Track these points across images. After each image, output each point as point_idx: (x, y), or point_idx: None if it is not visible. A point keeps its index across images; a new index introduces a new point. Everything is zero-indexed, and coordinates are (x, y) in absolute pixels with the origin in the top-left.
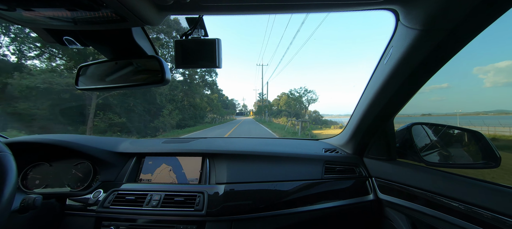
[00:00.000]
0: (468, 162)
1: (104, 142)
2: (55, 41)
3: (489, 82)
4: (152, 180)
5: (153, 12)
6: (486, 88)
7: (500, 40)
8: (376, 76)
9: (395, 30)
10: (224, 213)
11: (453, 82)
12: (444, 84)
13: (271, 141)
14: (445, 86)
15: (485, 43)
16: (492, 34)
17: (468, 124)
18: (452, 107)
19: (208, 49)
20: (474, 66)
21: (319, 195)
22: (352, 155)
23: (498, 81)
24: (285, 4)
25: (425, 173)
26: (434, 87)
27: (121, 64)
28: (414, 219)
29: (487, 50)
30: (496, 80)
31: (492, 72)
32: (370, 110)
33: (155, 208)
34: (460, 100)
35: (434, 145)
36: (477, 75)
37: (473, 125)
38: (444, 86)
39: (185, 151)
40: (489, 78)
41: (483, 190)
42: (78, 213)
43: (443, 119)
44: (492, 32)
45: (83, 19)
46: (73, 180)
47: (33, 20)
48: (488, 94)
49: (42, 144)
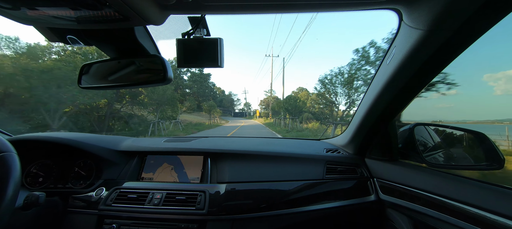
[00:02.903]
0: (471, 163)
1: (107, 141)
2: (59, 40)
3: (499, 90)
4: (153, 178)
5: (155, 12)
6: (497, 96)
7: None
8: (378, 76)
9: (398, 30)
10: (225, 212)
11: (462, 89)
12: (453, 91)
13: (273, 141)
14: (453, 93)
15: (496, 49)
16: (504, 41)
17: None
18: (462, 114)
19: (210, 48)
20: (484, 73)
21: (320, 195)
22: (354, 155)
23: (509, 90)
24: (288, 4)
25: (427, 174)
26: (442, 94)
27: (124, 63)
28: (416, 220)
29: (498, 57)
30: (508, 88)
31: (503, 80)
32: (372, 110)
33: (156, 207)
34: (470, 107)
35: (436, 146)
36: (487, 83)
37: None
38: (453, 93)
39: (186, 150)
40: (499, 86)
41: (486, 192)
42: (81, 211)
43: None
44: (504, 38)
45: (86, 18)
46: (76, 178)
47: (37, 19)
48: (500, 102)
49: (45, 142)
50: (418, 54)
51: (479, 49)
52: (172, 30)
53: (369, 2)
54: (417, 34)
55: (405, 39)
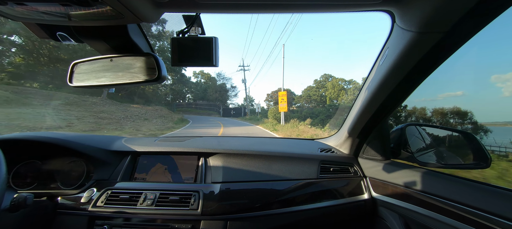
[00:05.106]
0: (460, 163)
1: (98, 140)
2: (48, 37)
3: (508, 91)
4: (147, 179)
5: (149, 9)
6: (505, 98)
7: None
8: (371, 77)
9: (391, 32)
10: (220, 212)
11: (468, 90)
12: (459, 92)
13: (267, 140)
14: (459, 94)
15: (507, 49)
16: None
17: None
18: (469, 116)
19: (205, 47)
20: (492, 74)
21: (315, 194)
22: (347, 154)
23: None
24: (282, 4)
25: (418, 173)
26: (448, 95)
27: (116, 61)
28: (407, 218)
29: (508, 57)
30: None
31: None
32: (365, 110)
33: (149, 207)
34: (477, 109)
35: (427, 145)
36: (495, 84)
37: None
38: (459, 94)
39: (180, 150)
40: (508, 87)
41: (474, 190)
42: (71, 212)
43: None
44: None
45: (78, 15)
46: (66, 178)
47: (25, 14)
48: (509, 104)
49: (33, 142)
50: (410, 55)
51: (487, 50)
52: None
53: (363, 4)
54: (409, 35)
55: (398, 41)
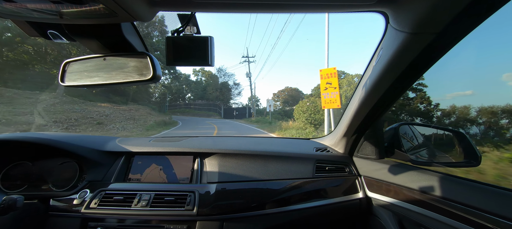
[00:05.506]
0: (451, 161)
1: (91, 141)
2: (39, 35)
3: None
4: (141, 179)
5: (144, 8)
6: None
7: None
8: (366, 77)
9: (384, 32)
10: (215, 212)
11: (478, 90)
12: (468, 92)
13: (263, 140)
14: (469, 93)
15: None
16: None
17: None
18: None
19: (200, 47)
20: (503, 72)
21: (310, 193)
22: (343, 154)
23: None
24: (277, 4)
25: (411, 172)
26: (457, 95)
27: (110, 60)
28: (401, 216)
29: None
30: None
31: None
32: (360, 110)
33: (144, 208)
34: (488, 109)
35: (420, 144)
36: (507, 83)
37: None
38: (468, 93)
39: (175, 151)
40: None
41: (465, 188)
42: (63, 214)
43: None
44: None
45: (70, 13)
46: (58, 179)
47: (14, 12)
48: None
49: (23, 142)
50: (404, 56)
51: (499, 48)
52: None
53: (357, 5)
54: (403, 36)
55: (391, 41)
